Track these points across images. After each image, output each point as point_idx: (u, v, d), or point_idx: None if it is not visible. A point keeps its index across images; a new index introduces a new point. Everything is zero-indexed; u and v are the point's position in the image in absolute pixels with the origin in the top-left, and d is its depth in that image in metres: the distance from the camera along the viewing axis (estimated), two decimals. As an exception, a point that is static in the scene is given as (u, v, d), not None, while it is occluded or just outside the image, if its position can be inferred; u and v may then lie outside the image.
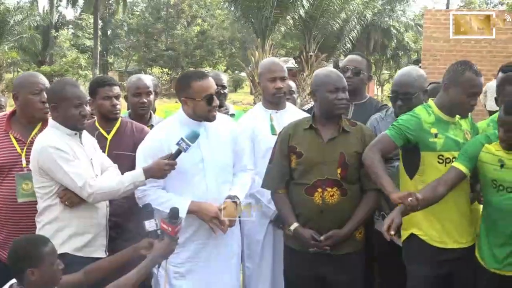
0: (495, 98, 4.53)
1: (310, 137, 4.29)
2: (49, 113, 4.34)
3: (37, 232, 4.09)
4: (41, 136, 4.13)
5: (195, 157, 4.16)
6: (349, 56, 5.43)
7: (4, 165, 4.35)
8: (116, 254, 3.87)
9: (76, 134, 4.15)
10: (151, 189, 4.18)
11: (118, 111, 4.82)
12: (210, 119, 4.24)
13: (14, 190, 4.32)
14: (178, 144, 3.95)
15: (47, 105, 4.34)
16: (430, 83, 5.40)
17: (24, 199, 4.31)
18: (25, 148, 4.37)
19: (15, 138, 4.40)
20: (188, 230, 4.21)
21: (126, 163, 4.45)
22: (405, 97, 4.48)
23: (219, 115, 4.40)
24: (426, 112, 4.11)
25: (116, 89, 4.81)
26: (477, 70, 4.06)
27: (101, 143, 4.65)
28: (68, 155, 3.99)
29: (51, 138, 4.04)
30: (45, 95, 4.34)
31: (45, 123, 4.42)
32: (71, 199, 4.05)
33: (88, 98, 4.53)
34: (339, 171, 4.18)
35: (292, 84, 5.82)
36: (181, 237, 4.16)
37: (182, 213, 4.05)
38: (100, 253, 4.18)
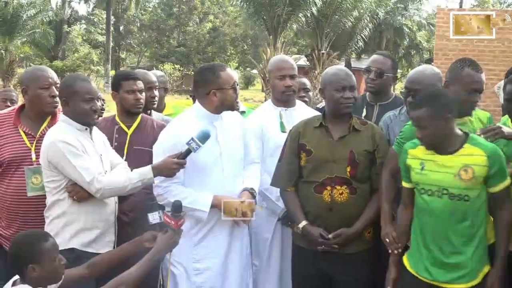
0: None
1: (320, 135, 4.27)
2: (60, 107, 4.35)
3: (46, 226, 4.09)
4: (51, 130, 4.13)
5: (214, 151, 4.18)
6: (373, 56, 5.27)
7: (13, 159, 4.36)
8: (119, 247, 3.87)
9: (86, 129, 4.15)
10: (172, 185, 4.16)
11: (141, 105, 4.80)
12: (235, 107, 4.34)
13: (24, 184, 4.33)
14: (188, 143, 3.93)
15: (56, 99, 4.35)
16: None
17: (33, 193, 4.32)
18: (34, 142, 4.37)
19: (25, 132, 4.40)
20: (206, 226, 4.23)
21: (146, 159, 4.43)
22: (416, 94, 4.43)
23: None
24: None
25: (140, 84, 4.80)
26: (478, 66, 4.00)
27: (121, 138, 4.69)
28: (77, 150, 3.99)
29: (61, 132, 4.04)
30: (55, 90, 4.35)
31: (54, 117, 4.43)
32: (79, 193, 4.04)
33: (100, 93, 4.52)
34: (348, 169, 4.16)
35: (307, 82, 5.79)
36: (200, 232, 4.22)
37: (206, 208, 4.10)
38: (109, 249, 4.15)
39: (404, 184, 3.90)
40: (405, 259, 3.94)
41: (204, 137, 3.93)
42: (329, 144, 4.23)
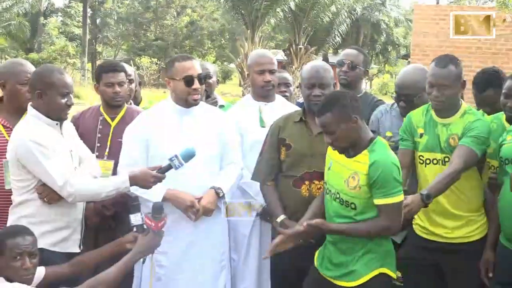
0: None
1: (300, 130, 4.28)
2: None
3: (11, 223, 3.91)
4: (21, 126, 3.96)
5: (179, 144, 4.08)
6: (346, 50, 5.42)
7: None
8: (100, 248, 3.83)
9: (57, 124, 3.99)
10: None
11: (120, 99, 4.75)
12: (190, 102, 4.28)
13: (2, 178, 4.20)
14: (170, 160, 3.83)
15: None
16: None
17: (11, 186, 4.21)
18: None
19: (2, 125, 4.34)
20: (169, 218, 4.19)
21: None
22: (407, 98, 4.46)
23: (208, 106, 4.46)
24: (421, 112, 4.16)
25: (120, 76, 4.74)
26: (443, 62, 4.01)
27: (105, 129, 4.66)
28: (49, 151, 3.82)
29: (32, 130, 3.86)
30: None
31: None
32: (50, 195, 3.89)
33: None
34: (327, 164, 4.16)
35: (288, 76, 5.80)
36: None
37: (158, 199, 4.04)
38: (75, 247, 4.06)
39: None
40: (316, 255, 4.02)
41: (188, 156, 3.84)
42: (308, 139, 4.23)
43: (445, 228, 4.08)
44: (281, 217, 4.18)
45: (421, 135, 4.10)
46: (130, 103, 5.28)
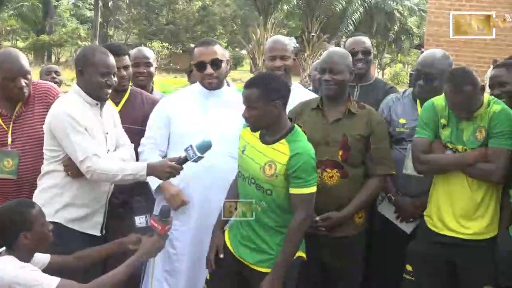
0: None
1: (316, 117, 4.25)
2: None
3: (36, 194, 4.03)
4: (61, 99, 4.05)
5: (198, 123, 4.19)
6: (356, 38, 5.30)
7: None
8: (102, 246, 3.79)
9: (97, 104, 4.03)
10: (146, 148, 4.35)
11: (126, 83, 4.71)
12: (206, 86, 4.34)
13: None
14: (186, 150, 3.77)
15: (25, 89, 4.25)
16: None
17: (3, 176, 4.27)
18: (11, 124, 4.30)
19: (0, 114, 4.31)
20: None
21: (135, 138, 4.39)
22: (427, 77, 4.37)
23: (234, 90, 4.52)
24: (444, 102, 4.03)
25: (124, 60, 4.67)
26: (459, 84, 3.81)
27: None
28: (79, 126, 3.86)
29: (70, 105, 3.92)
30: (21, 81, 4.22)
31: (27, 100, 4.35)
32: (74, 170, 3.93)
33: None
34: (340, 153, 4.13)
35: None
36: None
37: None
38: (95, 230, 4.08)
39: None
40: (226, 235, 3.96)
41: (204, 147, 3.75)
42: (323, 127, 4.18)
43: (458, 223, 4.00)
44: None
45: (444, 126, 4.02)
46: (152, 88, 5.28)
